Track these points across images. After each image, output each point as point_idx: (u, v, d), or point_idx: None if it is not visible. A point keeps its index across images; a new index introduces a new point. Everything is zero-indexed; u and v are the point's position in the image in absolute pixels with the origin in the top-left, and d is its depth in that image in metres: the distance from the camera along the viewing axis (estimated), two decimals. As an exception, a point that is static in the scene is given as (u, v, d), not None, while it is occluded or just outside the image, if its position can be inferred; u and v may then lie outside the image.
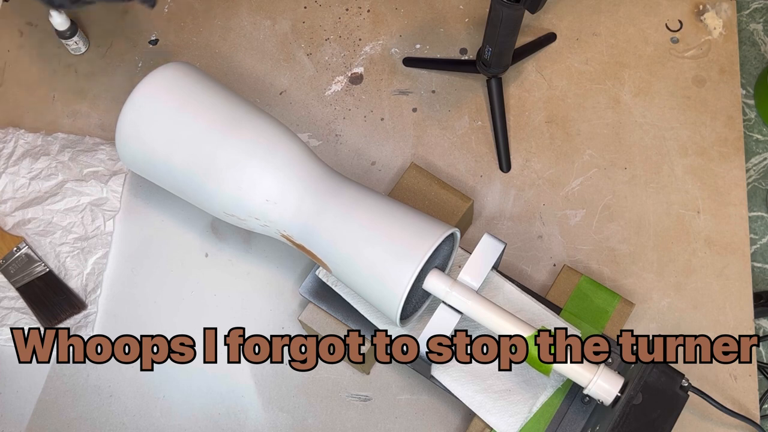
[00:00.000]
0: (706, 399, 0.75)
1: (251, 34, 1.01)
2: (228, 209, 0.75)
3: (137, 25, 1.01)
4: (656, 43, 0.98)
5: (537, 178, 0.92)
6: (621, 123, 0.94)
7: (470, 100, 0.96)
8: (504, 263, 0.87)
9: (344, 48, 0.99)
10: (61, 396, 0.84)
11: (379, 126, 0.95)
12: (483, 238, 0.73)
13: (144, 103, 0.76)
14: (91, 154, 0.92)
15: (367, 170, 0.93)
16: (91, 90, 0.98)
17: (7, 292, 0.87)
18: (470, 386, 0.75)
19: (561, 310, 0.79)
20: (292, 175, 0.73)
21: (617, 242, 0.88)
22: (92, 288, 0.87)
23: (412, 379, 0.83)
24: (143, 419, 0.83)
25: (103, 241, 0.89)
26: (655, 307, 0.85)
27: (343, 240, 0.71)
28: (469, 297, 0.71)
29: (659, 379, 0.69)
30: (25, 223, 0.89)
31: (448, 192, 0.84)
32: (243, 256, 0.89)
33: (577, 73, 0.97)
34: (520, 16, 0.80)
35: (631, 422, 0.67)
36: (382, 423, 0.82)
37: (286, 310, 0.86)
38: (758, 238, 0.88)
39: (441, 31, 1.00)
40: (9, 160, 0.92)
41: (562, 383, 0.75)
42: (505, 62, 0.89)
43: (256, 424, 0.82)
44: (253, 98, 0.97)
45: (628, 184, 0.91)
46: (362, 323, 0.78)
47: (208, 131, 0.75)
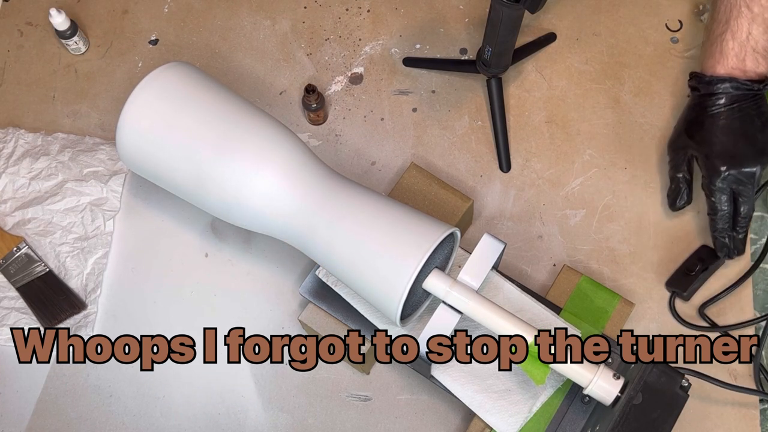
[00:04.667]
0: (707, 380, 0.76)
1: (251, 34, 1.01)
2: (228, 209, 0.75)
3: (137, 25, 1.02)
4: (656, 43, 0.98)
5: (537, 178, 0.92)
6: (621, 123, 0.94)
7: (470, 100, 0.96)
8: (504, 263, 0.87)
9: (344, 48, 0.99)
10: (61, 396, 0.84)
11: (379, 126, 0.95)
12: (483, 238, 0.73)
13: (144, 103, 0.76)
14: (91, 154, 0.92)
15: (367, 170, 0.93)
16: (91, 90, 0.98)
17: (7, 292, 0.87)
18: (470, 386, 0.75)
19: (561, 310, 0.79)
20: (292, 175, 0.73)
21: (617, 242, 0.88)
22: (92, 288, 0.87)
23: (412, 379, 0.83)
24: (143, 419, 0.83)
25: (103, 241, 0.89)
26: (655, 307, 0.85)
27: (343, 240, 0.71)
28: (469, 297, 0.71)
29: (659, 379, 0.69)
30: (25, 223, 0.89)
31: (448, 192, 0.84)
32: (243, 256, 0.89)
33: (577, 73, 0.97)
34: (520, 16, 0.80)
35: (631, 422, 0.67)
36: (382, 423, 0.82)
37: (286, 310, 0.86)
38: (758, 238, 0.88)
39: (441, 31, 1.00)
40: (9, 160, 0.92)
41: (562, 383, 0.75)
42: (505, 62, 0.89)
43: (256, 424, 0.82)
44: (253, 98, 0.97)
45: (628, 184, 0.91)
46: (362, 323, 0.78)
47: (207, 131, 0.75)
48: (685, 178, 0.86)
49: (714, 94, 0.82)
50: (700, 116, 0.83)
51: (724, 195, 0.80)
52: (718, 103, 0.82)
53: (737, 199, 0.80)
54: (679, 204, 0.86)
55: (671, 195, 0.87)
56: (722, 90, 0.81)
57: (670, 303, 0.85)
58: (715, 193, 0.81)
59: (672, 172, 0.87)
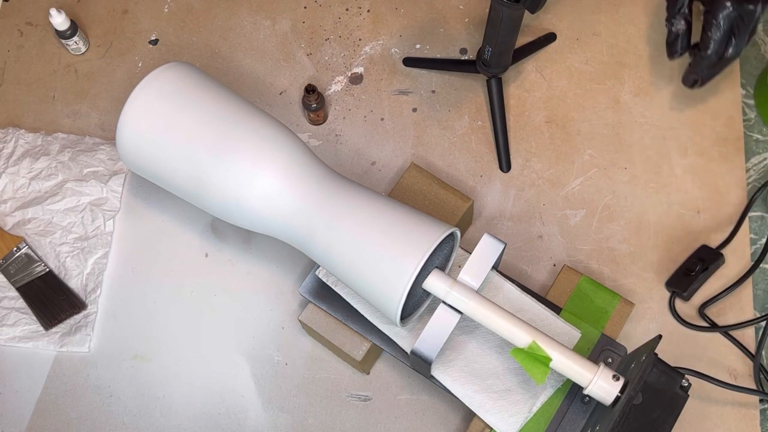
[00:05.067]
0: (707, 380, 0.76)
1: (251, 34, 1.01)
2: (228, 209, 0.75)
3: (137, 25, 1.02)
4: (656, 43, 0.98)
5: (537, 178, 0.92)
6: (621, 123, 0.94)
7: (470, 100, 0.96)
8: (504, 263, 0.87)
9: (344, 48, 0.99)
10: (61, 396, 0.84)
11: (379, 126, 0.95)
12: (483, 238, 0.73)
13: (144, 103, 0.76)
14: (91, 154, 0.92)
15: (367, 170, 0.93)
16: (91, 90, 0.98)
17: (7, 292, 0.87)
18: (470, 386, 0.75)
19: (561, 310, 0.79)
20: (292, 175, 0.73)
21: (617, 242, 0.88)
22: (92, 288, 0.87)
23: (412, 379, 0.83)
24: (143, 419, 0.83)
25: (103, 241, 0.89)
26: (655, 307, 0.85)
27: (343, 240, 0.71)
28: (469, 297, 0.71)
29: (659, 379, 0.69)
30: (25, 223, 0.89)
31: (448, 192, 0.84)
32: (243, 256, 0.89)
33: (577, 73, 0.97)
34: (520, 16, 0.80)
35: (631, 422, 0.67)
36: (382, 423, 0.82)
37: (286, 310, 0.86)
38: (758, 238, 0.88)
39: (441, 31, 1.00)
40: (9, 160, 0.92)
41: (562, 383, 0.75)
42: (505, 62, 0.89)
43: (256, 424, 0.82)
44: (253, 98, 0.97)
45: (628, 184, 0.91)
46: (362, 323, 0.78)
47: (207, 131, 0.75)
48: (685, 18, 0.84)
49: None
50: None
51: (720, 31, 0.79)
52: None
53: (730, 37, 0.80)
54: (680, 49, 0.84)
55: (670, 40, 0.85)
56: None
57: (670, 303, 0.85)
58: (713, 28, 0.80)
59: (671, 11, 0.85)
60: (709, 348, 0.83)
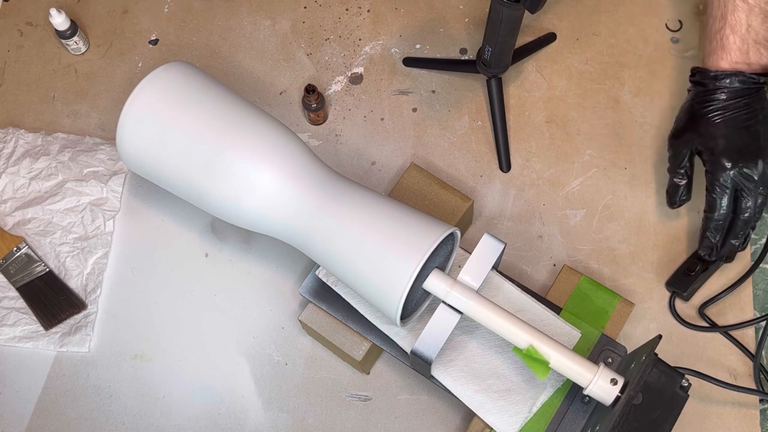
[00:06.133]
0: (707, 380, 0.76)
1: (251, 34, 1.01)
2: (227, 209, 0.75)
3: (137, 25, 1.02)
4: (656, 43, 0.98)
5: (537, 178, 0.92)
6: (621, 123, 0.94)
7: (470, 100, 0.96)
8: (504, 263, 0.87)
9: (344, 48, 0.99)
10: (61, 396, 0.84)
11: (379, 126, 0.95)
12: (483, 238, 0.73)
13: (144, 103, 0.76)
14: (91, 154, 0.92)
15: (367, 170, 0.93)
16: (91, 90, 0.98)
17: (7, 292, 0.87)
18: (470, 386, 0.75)
19: (561, 310, 0.79)
20: (292, 174, 0.73)
21: (617, 242, 0.88)
22: (92, 288, 0.87)
23: (412, 379, 0.83)
24: (143, 419, 0.83)
25: (103, 241, 0.89)
26: (655, 307, 0.85)
27: (343, 240, 0.71)
28: (469, 297, 0.71)
29: (659, 379, 0.69)
30: (25, 223, 0.89)
31: (448, 192, 0.84)
32: (243, 256, 0.89)
33: (577, 73, 0.97)
34: (520, 16, 0.80)
35: (631, 422, 0.67)
36: (382, 423, 0.82)
37: (286, 310, 0.86)
38: (758, 237, 0.88)
39: (441, 31, 1.00)
40: (9, 160, 0.92)
41: (562, 383, 0.75)
42: (505, 62, 0.89)
43: (256, 424, 0.82)
44: (253, 98, 0.97)
45: (628, 184, 0.91)
46: (362, 323, 0.78)
47: (207, 131, 0.75)
48: (686, 173, 0.84)
49: (719, 88, 0.81)
50: (704, 109, 0.82)
51: (726, 193, 0.79)
52: (722, 97, 0.81)
53: (738, 198, 0.79)
54: (679, 200, 0.85)
55: (671, 191, 0.86)
56: (728, 84, 0.80)
57: (670, 303, 0.85)
58: (716, 189, 0.80)
59: (672, 167, 0.85)
60: (709, 348, 0.83)
